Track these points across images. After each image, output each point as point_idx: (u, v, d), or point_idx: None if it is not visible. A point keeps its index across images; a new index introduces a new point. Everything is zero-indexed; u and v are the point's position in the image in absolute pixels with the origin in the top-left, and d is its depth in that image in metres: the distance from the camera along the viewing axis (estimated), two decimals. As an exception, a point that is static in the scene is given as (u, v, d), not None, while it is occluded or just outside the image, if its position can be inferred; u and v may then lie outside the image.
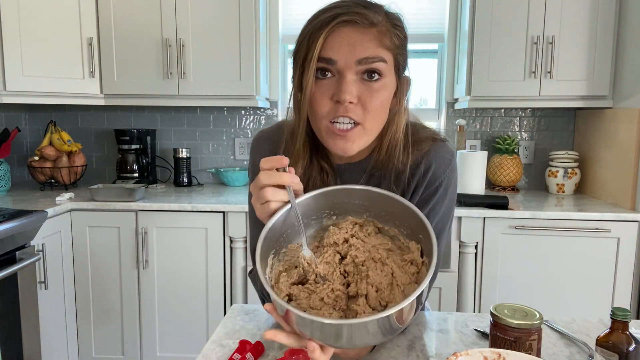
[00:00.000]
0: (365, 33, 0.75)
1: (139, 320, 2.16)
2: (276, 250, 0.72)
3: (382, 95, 0.78)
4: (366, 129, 0.79)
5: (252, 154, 0.99)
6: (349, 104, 0.75)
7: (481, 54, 2.22)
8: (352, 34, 0.75)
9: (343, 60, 0.75)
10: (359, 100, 0.76)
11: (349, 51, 0.74)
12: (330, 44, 0.75)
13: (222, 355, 0.82)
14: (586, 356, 0.82)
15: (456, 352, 0.65)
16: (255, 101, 2.32)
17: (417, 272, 0.68)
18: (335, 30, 0.75)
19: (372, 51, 0.75)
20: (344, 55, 0.75)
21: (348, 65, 0.75)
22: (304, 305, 0.67)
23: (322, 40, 0.75)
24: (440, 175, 0.87)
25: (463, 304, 2.07)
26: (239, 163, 2.73)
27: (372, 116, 0.78)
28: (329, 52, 0.75)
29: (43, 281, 1.91)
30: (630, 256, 1.98)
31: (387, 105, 0.81)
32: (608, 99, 2.21)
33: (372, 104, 0.77)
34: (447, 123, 2.64)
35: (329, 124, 0.78)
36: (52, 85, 2.20)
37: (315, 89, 0.77)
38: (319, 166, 0.89)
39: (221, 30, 2.27)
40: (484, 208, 2.04)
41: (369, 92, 0.77)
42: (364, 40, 0.75)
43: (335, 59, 0.75)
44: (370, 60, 0.75)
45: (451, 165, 0.89)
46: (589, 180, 2.40)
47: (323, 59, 0.75)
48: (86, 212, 2.11)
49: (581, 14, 2.16)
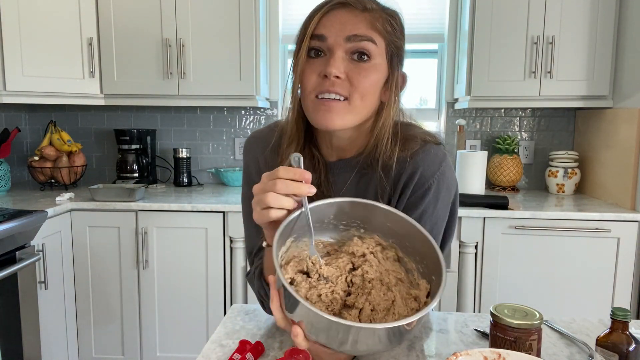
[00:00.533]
0: (358, 15, 0.79)
1: (139, 320, 2.16)
2: (298, 236, 0.73)
3: (371, 76, 0.79)
4: (352, 106, 0.79)
5: (244, 155, 0.99)
6: (335, 78, 0.77)
7: (481, 54, 2.22)
8: (345, 14, 0.79)
9: (333, 37, 0.78)
10: (347, 77, 0.78)
11: (340, 29, 0.78)
12: (323, 22, 0.79)
13: (222, 355, 0.82)
14: (586, 356, 0.82)
15: (456, 352, 0.65)
16: (255, 101, 2.32)
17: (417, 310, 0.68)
18: (330, 12, 0.79)
19: (362, 30, 0.78)
20: (334, 32, 0.78)
21: (337, 42, 0.78)
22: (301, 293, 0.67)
23: (316, 19, 0.79)
24: (429, 178, 0.85)
25: (463, 304, 2.07)
26: (239, 163, 2.73)
27: (359, 94, 0.79)
28: (321, 29, 0.79)
29: (43, 281, 1.91)
30: (630, 256, 1.98)
31: (376, 88, 0.81)
32: (608, 99, 2.21)
33: (360, 81, 0.78)
34: (447, 123, 2.64)
35: (315, 98, 0.79)
36: (52, 85, 2.20)
37: (307, 67, 0.80)
38: (311, 154, 0.90)
39: (221, 30, 2.27)
40: (484, 208, 2.04)
41: (357, 70, 0.78)
42: (356, 21, 0.78)
43: (326, 35, 0.78)
44: (359, 38, 0.78)
45: (441, 169, 0.85)
46: (589, 180, 2.40)
47: (315, 36, 0.79)
48: (86, 212, 2.11)
49: (581, 14, 2.16)
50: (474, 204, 2.07)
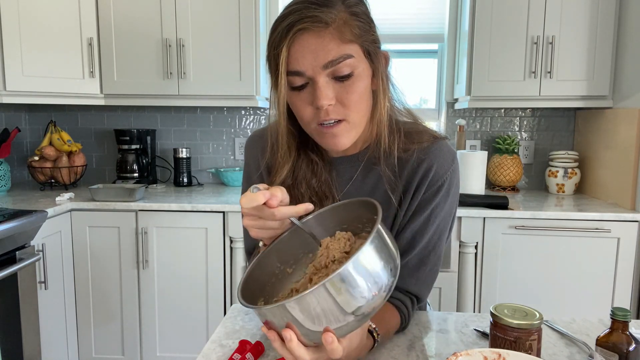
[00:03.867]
0: (323, 36, 0.75)
1: (139, 320, 2.16)
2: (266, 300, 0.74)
3: (359, 88, 0.78)
4: (351, 123, 0.80)
5: (245, 153, 1.02)
6: (328, 106, 0.77)
7: (481, 54, 2.22)
8: (310, 40, 0.75)
9: (310, 69, 0.76)
10: (337, 100, 0.78)
11: (313, 59, 0.75)
12: (294, 56, 0.76)
13: (222, 355, 0.82)
14: (586, 356, 0.82)
15: (456, 352, 0.65)
16: (255, 101, 2.32)
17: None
18: (295, 41, 0.75)
19: (334, 53, 0.75)
20: (309, 63, 0.75)
21: (316, 71, 0.76)
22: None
23: (285, 53, 0.75)
24: (443, 175, 0.87)
25: (463, 304, 2.07)
26: (239, 163, 2.73)
27: (353, 110, 0.79)
28: (295, 65, 0.76)
29: (43, 281, 1.91)
30: (630, 256, 1.98)
31: (366, 92, 0.81)
32: (608, 99, 2.21)
33: (350, 99, 0.78)
34: (447, 123, 2.64)
35: (317, 126, 0.80)
36: (52, 85, 2.20)
37: (296, 100, 0.80)
38: (307, 159, 0.90)
39: (221, 30, 2.27)
40: (484, 208, 2.04)
41: (344, 89, 0.78)
42: (324, 44, 0.75)
43: (302, 70, 0.76)
44: (336, 61, 0.75)
45: (453, 166, 0.88)
46: (589, 180, 2.40)
47: (291, 73, 0.77)
48: (86, 212, 2.11)
49: (581, 14, 2.16)
50: (474, 204, 2.07)
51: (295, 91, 0.79)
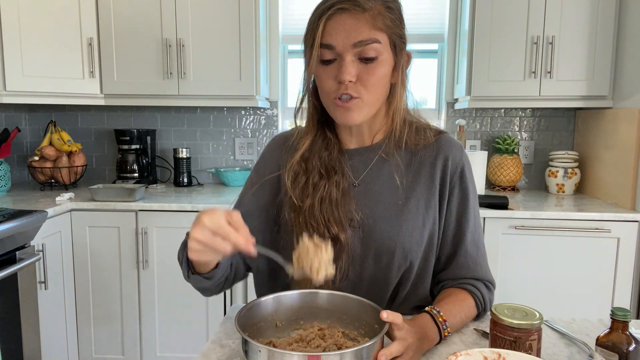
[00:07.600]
0: (359, 18, 0.84)
1: (139, 320, 2.16)
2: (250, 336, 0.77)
3: (379, 72, 0.87)
4: (365, 101, 0.88)
5: (265, 148, 1.08)
6: (349, 82, 0.85)
7: (481, 54, 2.22)
8: (347, 20, 0.84)
9: (341, 45, 0.84)
10: (358, 79, 0.86)
11: (345, 36, 0.84)
12: (329, 31, 0.85)
13: (222, 355, 0.82)
14: (586, 356, 0.82)
15: (456, 352, 0.65)
16: (255, 101, 2.32)
17: None
18: (332, 18, 0.84)
19: (365, 34, 0.84)
20: (341, 40, 0.84)
21: (345, 48, 0.84)
22: None
23: (321, 28, 0.85)
24: (459, 161, 0.96)
25: (463, 304, 2.07)
26: (239, 163, 2.73)
27: (370, 91, 0.87)
28: (328, 39, 0.85)
29: (43, 281, 1.91)
30: (630, 256, 1.98)
31: (385, 79, 0.89)
32: (608, 99, 2.21)
33: (370, 81, 0.86)
34: (447, 123, 2.64)
35: (334, 99, 0.88)
36: (52, 85, 2.20)
37: (322, 72, 0.88)
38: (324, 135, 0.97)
39: (221, 30, 2.27)
40: (484, 208, 2.03)
41: (366, 70, 0.86)
42: (358, 25, 0.84)
43: (334, 44, 0.85)
44: (365, 42, 0.84)
45: (462, 150, 0.98)
46: (589, 180, 2.40)
47: (324, 45, 0.86)
48: (86, 212, 2.11)
49: (581, 14, 2.16)
50: (474, 204, 2.06)
51: (324, 65, 0.87)
